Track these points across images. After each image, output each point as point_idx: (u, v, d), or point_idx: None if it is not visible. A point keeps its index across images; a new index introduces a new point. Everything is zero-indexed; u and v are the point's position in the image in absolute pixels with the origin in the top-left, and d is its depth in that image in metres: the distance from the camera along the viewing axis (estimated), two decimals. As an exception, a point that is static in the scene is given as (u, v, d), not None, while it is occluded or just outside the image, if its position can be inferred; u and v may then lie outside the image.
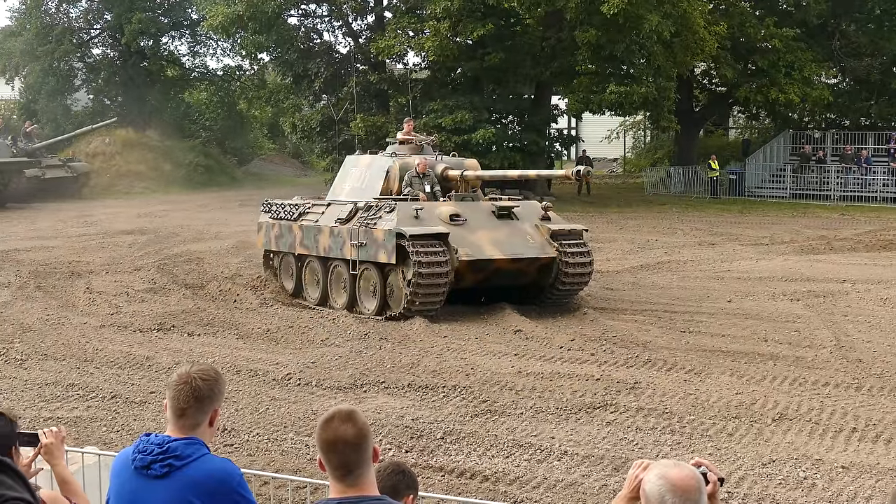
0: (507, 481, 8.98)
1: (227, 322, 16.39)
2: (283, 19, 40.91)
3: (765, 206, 37.96)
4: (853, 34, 43.15)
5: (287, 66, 42.80)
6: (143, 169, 48.76)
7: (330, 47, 43.29)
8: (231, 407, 11.10)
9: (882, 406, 11.18)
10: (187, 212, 35.77)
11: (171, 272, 21.07)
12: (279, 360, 13.62)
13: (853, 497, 8.51)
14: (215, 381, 4.01)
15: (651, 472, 3.37)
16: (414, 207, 16.49)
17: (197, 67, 58.11)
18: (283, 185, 51.03)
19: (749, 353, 13.95)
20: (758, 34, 40.83)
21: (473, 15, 35.88)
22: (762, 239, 27.74)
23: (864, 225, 31.05)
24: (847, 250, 25.49)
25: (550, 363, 13.35)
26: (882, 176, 38.94)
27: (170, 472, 3.91)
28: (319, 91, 42.50)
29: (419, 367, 13.16)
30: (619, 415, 10.94)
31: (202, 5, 44.28)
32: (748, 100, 42.51)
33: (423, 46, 36.48)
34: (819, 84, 41.94)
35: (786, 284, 19.82)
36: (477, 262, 16.28)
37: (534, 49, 37.70)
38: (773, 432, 10.27)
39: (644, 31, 34.03)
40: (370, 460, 3.67)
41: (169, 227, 29.81)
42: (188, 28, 55.64)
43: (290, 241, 18.92)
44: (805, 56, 40.26)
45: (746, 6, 43.77)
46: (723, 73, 41.50)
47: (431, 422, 10.67)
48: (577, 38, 35.02)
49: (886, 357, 13.62)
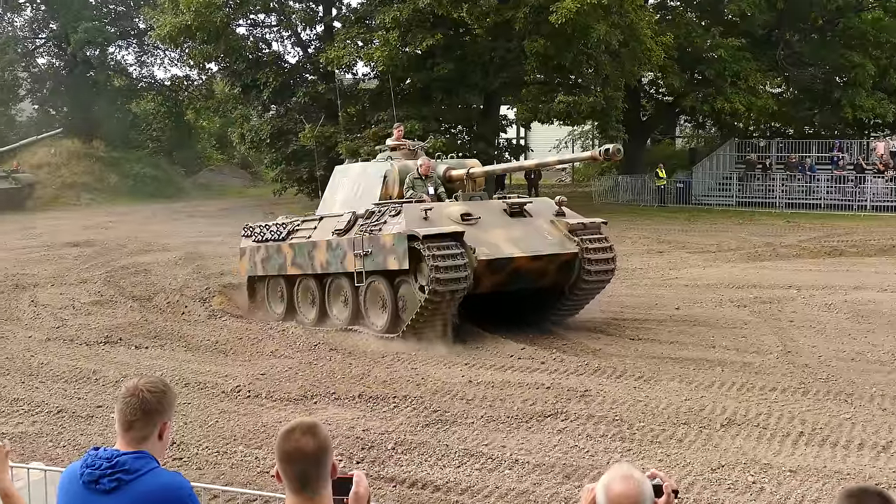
0: (458, 491, 8.97)
1: (176, 334, 16.26)
2: (231, 29, 40.68)
3: (711, 214, 38.32)
4: (797, 44, 43.72)
5: (235, 76, 42.57)
6: (90, 180, 48.35)
7: (279, 57, 43.11)
8: (180, 420, 10.99)
9: (828, 410, 11.31)
10: (134, 223, 35.48)
11: (117, 284, 20.87)
12: (228, 373, 13.53)
13: (801, 500, 8.59)
14: (163, 394, 3.97)
15: (601, 480, 3.38)
16: (422, 208, 15.29)
17: (144, 77, 57.75)
18: (232, 196, 50.82)
19: (697, 359, 14.07)
20: (704, 44, 41.26)
21: (422, 25, 35.91)
22: (709, 246, 27.98)
23: (809, 232, 31.42)
24: (792, 257, 25.79)
25: (501, 372, 13.37)
26: (826, 183, 39.50)
27: (119, 486, 3.86)
28: (268, 101, 42.33)
29: (369, 378, 13.14)
30: (570, 423, 10.97)
31: (150, 15, 43.98)
32: (695, 109, 42.98)
33: (372, 57, 36.42)
34: (764, 93, 42.45)
35: (733, 291, 20.01)
36: (496, 261, 15.01)
37: (483, 59, 37.80)
38: (722, 437, 10.35)
39: (592, 41, 34.25)
40: (328, 475, 3.65)
41: (115, 239, 29.53)
42: (135, 37, 55.30)
43: (280, 262, 17.82)
44: (750, 66, 40.74)
45: (693, 17, 44.27)
46: (670, 82, 41.87)
47: (382, 432, 10.64)
48: (526, 49, 35.16)
49: (832, 362, 13.79)
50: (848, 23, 41.78)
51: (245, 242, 19.01)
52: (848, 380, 12.69)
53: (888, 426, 10.64)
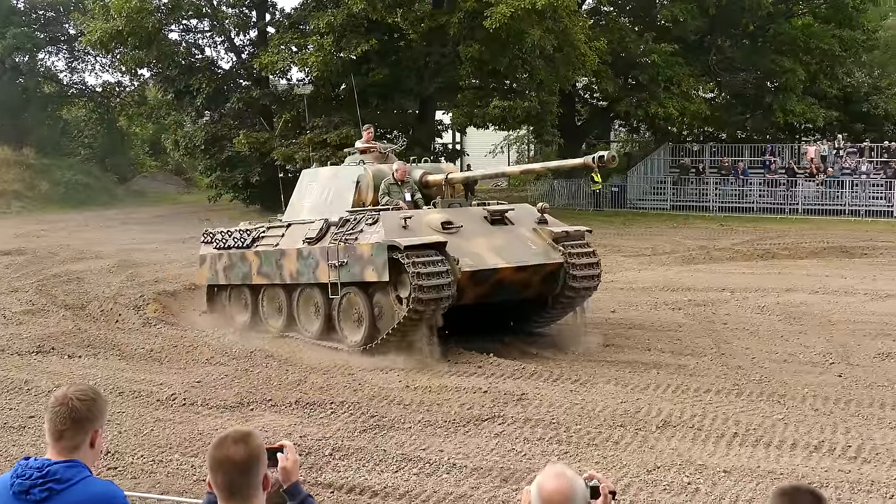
0: (396, 496, 8.96)
1: (109, 343, 16.04)
2: (163, 34, 40.27)
3: (646, 218, 38.67)
4: (729, 50, 44.30)
5: (168, 81, 42.15)
6: (20, 188, 47.58)
7: (212, 63, 42.78)
8: (114, 429, 10.86)
9: (761, 411, 11.46)
10: (66, 231, 34.99)
11: (49, 293, 20.56)
12: (163, 381, 13.39)
13: (735, 500, 8.69)
14: (93, 402, 3.92)
15: (535, 480, 3.40)
16: (401, 216, 14.54)
17: (75, 83, 56.89)
18: (166, 202, 50.31)
19: (633, 362, 14.18)
20: (637, 50, 41.64)
21: (357, 30, 35.86)
22: (644, 250, 28.24)
23: (742, 235, 31.83)
24: (726, 260, 26.11)
25: (438, 377, 13.36)
26: (758, 187, 40.08)
27: (50, 496, 3.80)
28: (202, 107, 41.99)
29: (306, 384, 13.07)
30: (507, 426, 11.00)
31: (80, 20, 43.41)
32: (629, 114, 43.37)
33: (306, 62, 36.29)
34: (697, 98, 42.99)
35: (667, 294, 20.20)
36: (480, 272, 14.32)
37: (418, 64, 37.84)
38: (658, 439, 10.44)
39: (526, 46, 34.46)
40: (259, 486, 3.62)
41: (47, 247, 29.08)
42: (66, 43, 54.50)
43: (244, 271, 17.11)
44: (683, 71, 41.19)
45: (626, 22, 44.65)
46: (604, 87, 42.16)
47: (320, 438, 10.59)
48: (461, 54, 35.28)
49: (765, 363, 13.98)
50: (778, 29, 42.48)
51: (205, 249, 18.30)
52: (781, 381, 12.87)
53: (820, 426, 10.80)
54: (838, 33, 41.97)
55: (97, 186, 51.62)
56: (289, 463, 3.94)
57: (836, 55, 42.13)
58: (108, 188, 52.79)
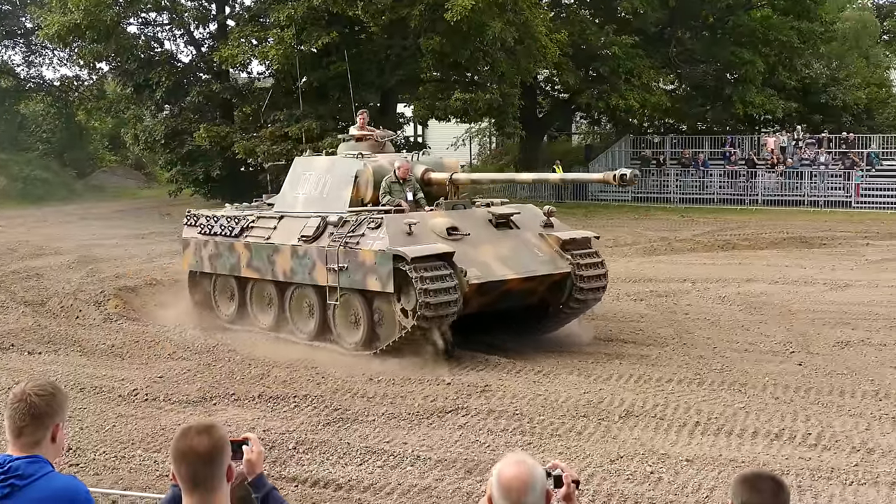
0: (360, 489, 8.96)
1: (70, 339, 15.91)
2: (122, 28, 39.89)
3: (608, 210, 38.86)
4: (689, 42, 44.54)
5: (127, 75, 41.76)
6: (-23, 184, 47.09)
7: (172, 56, 42.42)
8: (76, 425, 10.79)
9: (722, 400, 11.56)
10: (25, 227, 34.63)
11: (8, 289, 20.35)
12: (125, 376, 13.31)
13: (698, 488, 8.76)
14: (52, 396, 3.90)
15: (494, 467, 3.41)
16: (405, 221, 13.79)
17: (32, 78, 56.18)
18: (126, 197, 49.93)
19: (595, 352, 14.26)
20: (598, 42, 41.71)
21: (317, 23, 35.71)
22: (606, 241, 28.26)
23: (703, 226, 32.04)
24: (687, 251, 26.27)
25: (401, 369, 13.36)
26: (718, 178, 40.39)
27: (11, 492, 3.78)
28: (161, 101, 41.67)
29: (269, 378, 13.04)
30: (471, 418, 11.03)
31: (37, 13, 42.94)
32: (590, 106, 43.48)
33: (266, 55, 36.11)
34: (657, 90, 43.14)
35: (629, 285, 20.29)
36: (488, 283, 13.68)
37: (379, 57, 37.73)
38: (621, 429, 10.51)
39: (487, 38, 34.44)
40: (223, 477, 3.62)
41: (5, 243, 28.77)
42: (22, 37, 53.83)
43: (233, 262, 16.24)
44: (643, 63, 41.36)
45: (586, 14, 44.75)
46: (565, 79, 42.28)
47: (283, 432, 10.57)
48: (422, 46, 35.20)
49: (726, 353, 14.10)
50: (738, 20, 42.76)
51: (189, 232, 17.36)
52: (742, 370, 12.99)
53: (780, 414, 10.91)
54: (797, 25, 42.30)
55: (56, 182, 51.09)
56: (253, 455, 3.95)
57: (794, 47, 42.45)
58: (67, 183, 52.25)
